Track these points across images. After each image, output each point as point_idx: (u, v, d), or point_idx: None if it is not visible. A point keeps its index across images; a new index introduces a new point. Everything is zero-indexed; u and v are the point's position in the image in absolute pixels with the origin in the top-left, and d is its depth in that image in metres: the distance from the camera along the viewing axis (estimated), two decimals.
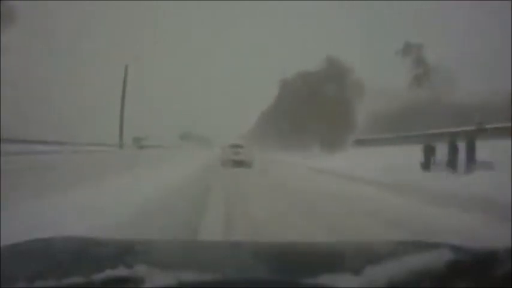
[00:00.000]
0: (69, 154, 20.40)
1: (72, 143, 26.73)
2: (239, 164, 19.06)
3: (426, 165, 13.85)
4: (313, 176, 15.17)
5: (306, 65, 41.39)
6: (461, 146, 12.90)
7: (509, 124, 16.97)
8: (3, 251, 1.09)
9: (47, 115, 30.84)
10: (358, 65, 37.48)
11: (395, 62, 34.68)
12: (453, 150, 13.05)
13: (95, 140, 30.85)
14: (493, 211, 5.81)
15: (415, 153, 14.36)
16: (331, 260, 1.23)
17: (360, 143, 33.06)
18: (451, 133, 15.10)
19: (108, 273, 0.76)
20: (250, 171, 16.66)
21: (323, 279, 0.76)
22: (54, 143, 24.64)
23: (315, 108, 37.42)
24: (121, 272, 0.77)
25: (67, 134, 28.09)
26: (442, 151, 13.69)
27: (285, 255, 1.32)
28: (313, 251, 1.42)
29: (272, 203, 7.38)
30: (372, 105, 35.51)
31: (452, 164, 12.81)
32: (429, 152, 14.19)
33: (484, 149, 12.17)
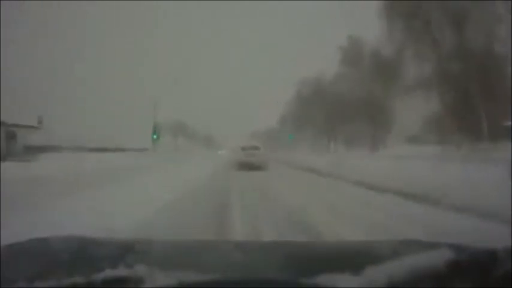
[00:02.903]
0: None
1: None
2: (254, 167, 17.26)
3: None
4: None
5: (316, 64, 38.82)
6: None
7: None
8: (3, 251, 1.09)
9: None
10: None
11: None
12: None
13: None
14: None
15: None
16: (331, 260, 1.23)
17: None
18: None
19: (108, 273, 0.76)
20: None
21: (323, 279, 0.76)
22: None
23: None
24: (121, 272, 0.77)
25: None
26: None
27: (285, 255, 1.32)
28: (313, 251, 1.42)
29: None
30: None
31: None
32: None
33: None
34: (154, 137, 35.73)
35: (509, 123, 18.86)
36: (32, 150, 17.21)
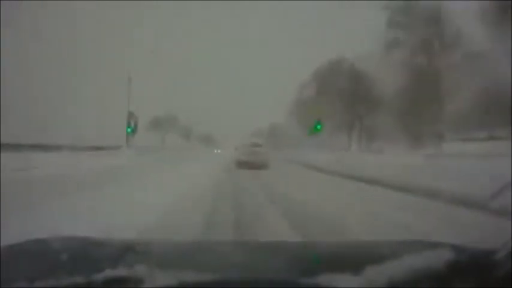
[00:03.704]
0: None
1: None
2: (255, 165, 16.28)
3: None
4: None
5: (313, 64, 35.80)
6: None
7: None
8: (3, 251, 1.09)
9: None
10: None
11: None
12: None
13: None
14: None
15: None
16: (331, 260, 1.23)
17: None
18: None
19: (108, 273, 0.77)
20: None
21: (323, 279, 0.76)
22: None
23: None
24: (121, 272, 0.77)
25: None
26: None
27: (285, 255, 1.32)
28: (313, 251, 1.42)
29: None
30: None
31: None
32: None
33: None
34: (129, 130, 26.52)
35: None
36: None
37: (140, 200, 6.33)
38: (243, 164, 16.90)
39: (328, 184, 11.77)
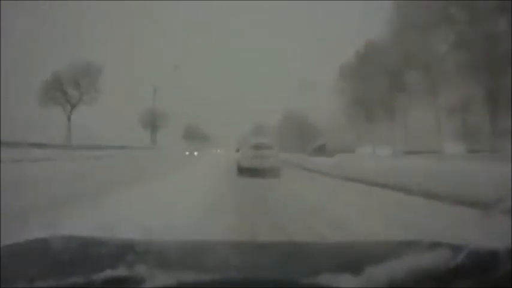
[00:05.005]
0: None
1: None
2: (262, 173, 12.66)
3: None
4: None
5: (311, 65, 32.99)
6: None
7: None
8: (3, 251, 1.09)
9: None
10: None
11: None
12: None
13: None
14: None
15: None
16: (331, 260, 1.23)
17: None
18: None
19: (108, 273, 0.77)
20: None
21: (323, 279, 0.77)
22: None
23: None
24: (121, 272, 0.77)
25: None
26: None
27: (285, 255, 1.32)
28: (313, 251, 1.42)
29: None
30: None
31: None
32: None
33: None
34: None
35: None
36: None
37: None
38: (246, 171, 13.49)
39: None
